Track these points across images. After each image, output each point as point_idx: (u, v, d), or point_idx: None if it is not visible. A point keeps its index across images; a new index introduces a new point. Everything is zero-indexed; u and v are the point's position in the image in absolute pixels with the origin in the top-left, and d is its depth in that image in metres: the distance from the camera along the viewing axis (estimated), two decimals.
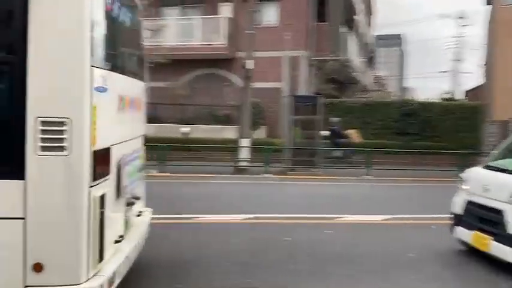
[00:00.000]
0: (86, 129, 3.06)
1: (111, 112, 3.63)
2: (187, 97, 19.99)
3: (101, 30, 3.34)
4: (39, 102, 2.99)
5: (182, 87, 20.18)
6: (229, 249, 6.00)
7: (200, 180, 12.65)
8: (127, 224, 4.24)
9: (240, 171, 14.62)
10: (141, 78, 4.84)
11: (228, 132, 18.08)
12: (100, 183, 3.28)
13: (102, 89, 3.29)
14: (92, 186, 3.12)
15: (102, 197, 3.28)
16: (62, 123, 2.98)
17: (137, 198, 4.51)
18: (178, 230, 6.93)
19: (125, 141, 4.02)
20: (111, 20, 3.69)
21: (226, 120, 19.30)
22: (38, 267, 3.04)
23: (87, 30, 3.02)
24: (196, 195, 10.22)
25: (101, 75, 3.26)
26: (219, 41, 20.51)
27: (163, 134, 16.92)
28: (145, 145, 5.02)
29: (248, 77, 15.70)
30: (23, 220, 3.01)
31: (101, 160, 3.31)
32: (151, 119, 19.67)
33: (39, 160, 2.99)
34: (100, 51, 3.27)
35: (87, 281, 3.11)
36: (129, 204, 4.23)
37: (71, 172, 3.04)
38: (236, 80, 19.92)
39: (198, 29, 20.79)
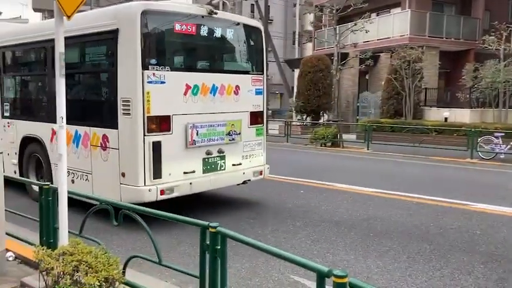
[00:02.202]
0: (140, 104, 5.73)
1: (171, 95, 6.09)
2: None
3: (155, 51, 6.09)
4: (121, 89, 5.89)
5: None
6: None
7: None
8: (210, 166, 6.64)
9: None
10: (243, 73, 7.20)
11: None
12: (155, 135, 5.89)
13: (156, 82, 5.88)
14: (146, 135, 5.82)
15: (156, 142, 5.90)
16: (128, 101, 5.85)
17: (222, 152, 6.75)
18: None
19: (196, 114, 6.38)
20: (175, 41, 6.55)
21: None
22: (123, 174, 5.98)
23: (138, 52, 5.74)
24: None
25: (155, 74, 5.88)
26: None
27: None
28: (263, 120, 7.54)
29: None
30: (118, 150, 6.02)
31: (155, 122, 5.89)
32: None
33: (122, 119, 5.93)
34: (154, 61, 5.91)
35: (143, 186, 5.85)
36: (209, 153, 6.58)
37: (133, 127, 5.81)
38: None
39: None
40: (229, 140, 6.86)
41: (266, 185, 9.29)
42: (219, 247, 2.87)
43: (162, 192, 5.96)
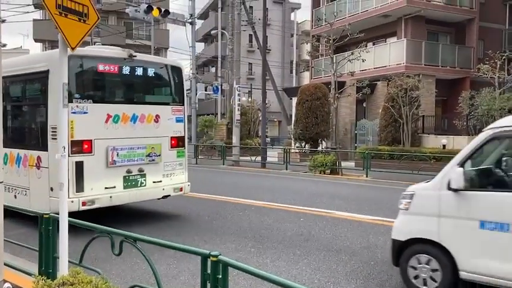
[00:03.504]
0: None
1: (93, 122, 7.16)
2: None
3: (79, 87, 7.19)
4: (51, 118, 6.88)
5: None
6: None
7: None
8: (130, 182, 7.71)
9: None
10: (163, 104, 8.42)
11: None
12: (77, 156, 6.95)
13: (79, 112, 7.01)
14: (69, 156, 6.59)
15: (79, 162, 6.97)
16: (55, 128, 6.50)
17: (142, 171, 7.86)
18: None
19: (117, 138, 7.46)
20: (98, 79, 7.69)
21: None
22: (52, 189, 6.90)
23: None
24: None
25: (78, 106, 7.02)
26: None
27: None
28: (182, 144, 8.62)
29: None
30: (48, 168, 7.07)
31: (78, 145, 6.97)
32: None
33: (51, 143, 6.92)
34: (78, 96, 7.07)
35: (67, 198, 6.43)
36: (129, 172, 7.67)
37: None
38: None
39: None
40: (150, 160, 7.99)
41: (266, 213, 9.26)
42: (220, 276, 2.87)
43: (84, 203, 6.97)
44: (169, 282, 5.09)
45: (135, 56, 7.90)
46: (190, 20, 24.62)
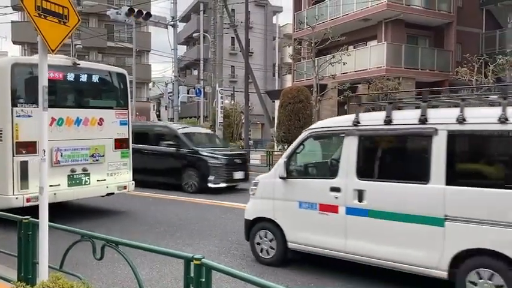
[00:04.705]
0: (9, 132, 7.35)
1: (37, 126, 7.66)
2: None
3: (23, 93, 7.64)
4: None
5: None
6: None
7: None
8: (74, 181, 8.23)
9: None
10: (107, 108, 8.87)
11: None
12: (22, 156, 7.44)
13: (24, 116, 7.50)
14: (14, 156, 7.40)
15: (23, 162, 7.44)
16: (1, 130, 7.48)
17: (86, 170, 8.37)
18: None
19: (61, 140, 7.91)
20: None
21: None
22: None
23: (8, 94, 7.37)
24: None
25: (23, 110, 7.52)
26: None
27: None
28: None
29: None
30: None
31: (23, 146, 7.42)
32: None
33: None
34: (22, 100, 7.57)
35: (12, 195, 7.36)
36: (73, 171, 8.18)
37: (5, 150, 7.39)
38: None
39: None
40: (94, 160, 8.52)
41: None
42: (203, 280, 2.86)
43: (28, 200, 7.42)
44: (152, 286, 5.05)
45: (79, 64, 8.48)
46: (172, 23, 24.49)
